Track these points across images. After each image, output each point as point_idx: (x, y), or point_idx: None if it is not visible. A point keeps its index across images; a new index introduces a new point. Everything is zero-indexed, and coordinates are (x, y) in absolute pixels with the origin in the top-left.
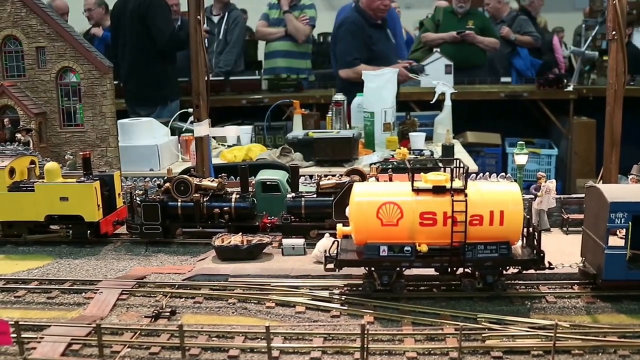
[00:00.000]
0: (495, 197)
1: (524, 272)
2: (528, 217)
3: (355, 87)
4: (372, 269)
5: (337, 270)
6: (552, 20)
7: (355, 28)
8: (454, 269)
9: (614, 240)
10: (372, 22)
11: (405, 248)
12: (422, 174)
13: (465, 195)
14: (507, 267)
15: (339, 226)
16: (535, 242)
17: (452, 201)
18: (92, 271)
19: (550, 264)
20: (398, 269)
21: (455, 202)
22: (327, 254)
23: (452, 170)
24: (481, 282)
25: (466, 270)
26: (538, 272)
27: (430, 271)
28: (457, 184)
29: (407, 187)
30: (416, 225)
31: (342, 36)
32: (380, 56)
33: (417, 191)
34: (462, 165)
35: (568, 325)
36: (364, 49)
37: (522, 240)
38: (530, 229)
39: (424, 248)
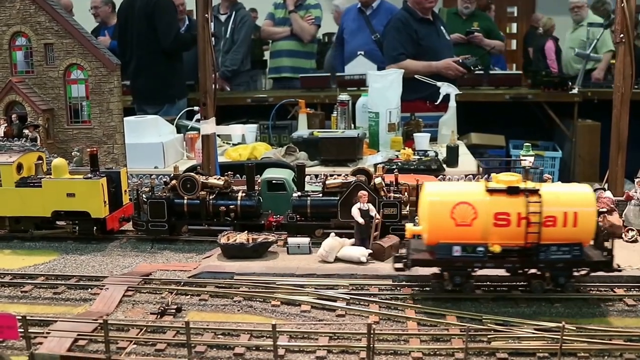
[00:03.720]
0: (569, 198)
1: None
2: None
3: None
4: (442, 269)
5: (406, 269)
6: (558, 23)
7: (400, 24)
8: (526, 270)
9: None
10: (419, 18)
11: (478, 248)
12: (492, 174)
13: (540, 196)
14: (578, 269)
15: (409, 225)
16: (605, 244)
17: (527, 202)
18: (98, 267)
19: (618, 265)
20: (470, 269)
21: (530, 203)
22: (397, 254)
23: (526, 171)
24: (551, 283)
25: (534, 271)
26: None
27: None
28: (530, 184)
29: (480, 187)
30: (490, 225)
31: (388, 32)
32: (430, 51)
33: (491, 191)
34: (534, 166)
35: (574, 328)
36: (411, 44)
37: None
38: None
39: (497, 248)
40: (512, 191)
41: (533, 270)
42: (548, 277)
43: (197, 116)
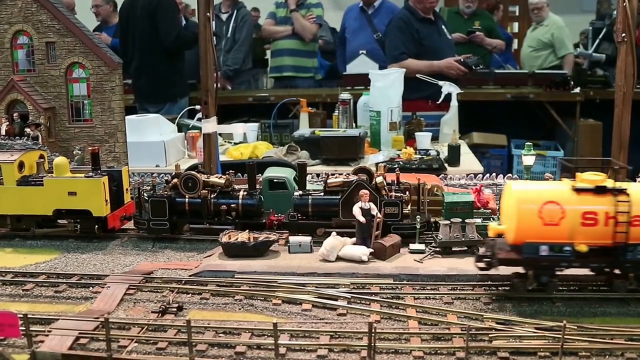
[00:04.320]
0: None
1: None
2: None
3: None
4: (528, 268)
5: (491, 269)
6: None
7: (403, 23)
8: (611, 269)
9: None
10: (421, 17)
11: (565, 248)
12: (577, 173)
13: (628, 196)
14: None
15: (492, 225)
16: None
17: (615, 201)
18: (99, 266)
19: None
20: (556, 269)
21: (619, 203)
22: (480, 253)
23: (615, 171)
24: (635, 283)
25: (617, 271)
26: None
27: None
28: (617, 184)
29: (567, 186)
30: (577, 225)
31: (390, 32)
32: (431, 51)
33: (578, 191)
34: (618, 166)
35: (575, 327)
36: (413, 43)
37: None
38: None
39: (583, 248)
40: (600, 190)
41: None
42: (632, 277)
43: (199, 115)
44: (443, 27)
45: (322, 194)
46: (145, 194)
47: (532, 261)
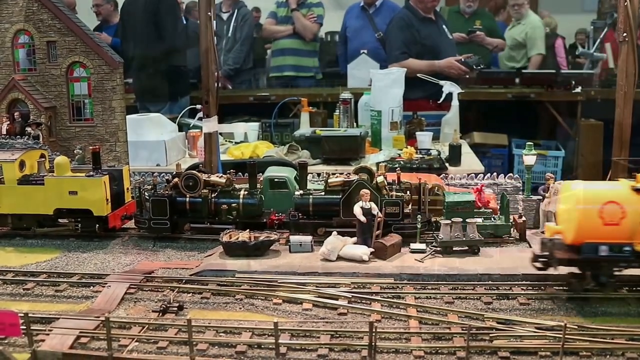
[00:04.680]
0: None
1: None
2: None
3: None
4: (586, 268)
5: (550, 269)
6: (562, 22)
7: (403, 23)
8: None
9: None
10: (422, 17)
11: (625, 248)
12: (637, 175)
13: None
14: None
15: (550, 225)
16: None
17: None
18: (100, 265)
19: None
20: (615, 268)
21: None
22: (537, 253)
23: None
24: None
25: None
26: None
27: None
28: None
29: (625, 187)
30: (637, 225)
31: (390, 31)
32: (432, 50)
33: (638, 191)
34: None
35: (576, 327)
36: (413, 43)
37: None
38: None
39: None
40: None
41: None
42: None
43: (200, 114)
44: (444, 26)
45: (322, 193)
46: (146, 193)
47: (591, 261)
